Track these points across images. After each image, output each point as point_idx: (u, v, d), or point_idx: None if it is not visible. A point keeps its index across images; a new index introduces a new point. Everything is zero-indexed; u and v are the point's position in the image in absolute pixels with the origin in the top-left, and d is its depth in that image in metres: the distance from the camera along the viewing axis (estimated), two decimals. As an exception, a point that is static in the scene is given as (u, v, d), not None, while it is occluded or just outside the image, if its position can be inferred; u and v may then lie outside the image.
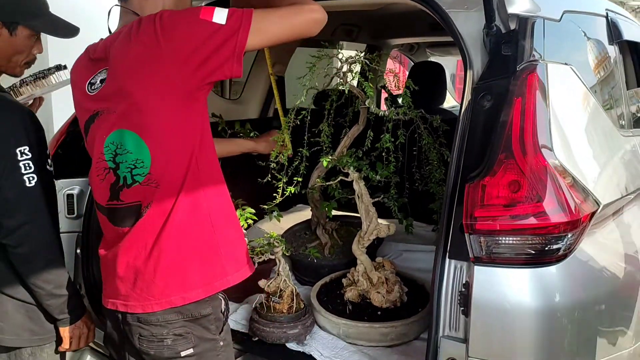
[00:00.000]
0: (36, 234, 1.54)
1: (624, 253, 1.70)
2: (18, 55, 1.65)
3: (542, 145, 1.36)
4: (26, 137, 1.52)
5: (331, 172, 2.16)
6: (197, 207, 1.40)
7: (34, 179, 1.52)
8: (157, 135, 1.34)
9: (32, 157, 1.52)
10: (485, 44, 1.59)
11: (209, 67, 1.31)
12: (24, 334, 1.64)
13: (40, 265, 1.56)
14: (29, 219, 1.52)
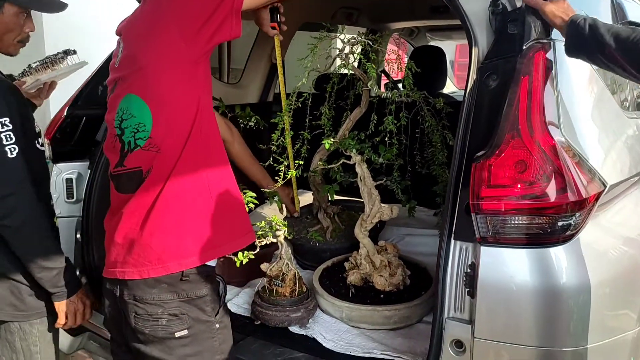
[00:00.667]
0: (23, 205, 1.55)
1: (628, 237, 1.69)
2: (9, 33, 1.66)
3: (550, 123, 1.33)
4: (7, 110, 1.54)
5: (333, 155, 2.14)
6: (196, 174, 1.42)
7: (16, 150, 1.53)
8: (160, 98, 1.38)
9: (13, 129, 1.53)
10: (490, 22, 1.56)
11: (210, 28, 1.37)
12: (7, 309, 1.66)
13: (29, 237, 1.57)
14: (14, 190, 1.53)
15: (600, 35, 1.31)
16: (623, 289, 1.53)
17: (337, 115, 2.15)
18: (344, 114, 2.21)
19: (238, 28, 1.40)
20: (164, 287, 1.39)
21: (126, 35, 1.48)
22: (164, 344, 1.41)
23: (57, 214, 2.10)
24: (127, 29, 1.49)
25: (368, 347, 1.73)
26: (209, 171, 1.44)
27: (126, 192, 1.44)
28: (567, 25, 1.41)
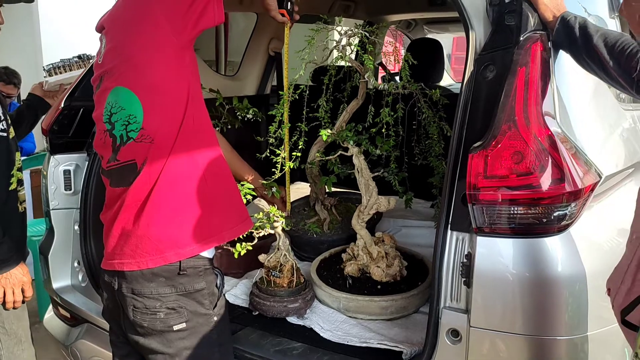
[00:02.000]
0: None
1: (622, 227, 1.70)
2: None
3: (546, 113, 1.34)
4: None
5: (330, 147, 2.14)
6: (190, 162, 1.42)
7: None
8: (149, 88, 1.37)
9: None
10: (488, 13, 1.56)
11: (194, 13, 1.36)
12: None
13: None
14: None
15: (589, 36, 1.34)
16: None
17: (334, 108, 2.16)
18: (341, 106, 2.21)
19: (220, 13, 1.40)
20: (162, 280, 1.40)
21: (110, 29, 1.46)
22: (162, 337, 1.42)
23: (55, 206, 2.13)
24: (110, 22, 1.46)
25: (365, 337, 1.75)
26: (203, 158, 1.44)
27: (121, 186, 1.43)
28: (557, 21, 1.43)
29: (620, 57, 1.27)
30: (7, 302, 1.76)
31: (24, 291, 1.78)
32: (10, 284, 1.74)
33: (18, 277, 1.76)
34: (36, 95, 2.25)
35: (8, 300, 1.76)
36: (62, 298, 2.14)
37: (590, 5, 2.04)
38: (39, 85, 2.24)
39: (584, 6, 1.98)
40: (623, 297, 1.16)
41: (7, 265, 1.73)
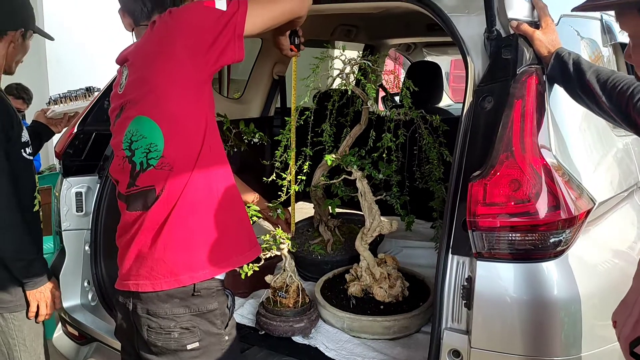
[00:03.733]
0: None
1: (617, 249, 1.77)
2: (19, 56, 1.87)
3: (542, 146, 1.42)
4: None
5: (334, 170, 2.21)
6: (206, 190, 1.48)
7: None
8: (170, 118, 1.44)
9: None
10: (485, 47, 1.65)
11: (216, 51, 1.43)
12: None
13: (4, 230, 1.72)
14: None
15: (583, 72, 1.42)
16: (612, 300, 1.61)
17: (336, 131, 2.23)
18: (344, 130, 2.29)
19: (241, 52, 1.47)
20: (176, 301, 1.45)
21: (133, 61, 1.52)
22: (176, 356, 1.46)
23: (67, 227, 2.19)
24: (134, 55, 1.52)
25: (369, 356, 1.80)
26: (218, 186, 1.51)
27: (137, 210, 1.49)
28: (552, 56, 1.52)
29: (612, 92, 1.35)
30: (40, 315, 1.87)
31: (55, 304, 1.89)
32: (45, 297, 1.85)
33: (51, 290, 1.87)
34: (40, 122, 2.32)
35: (41, 314, 1.87)
36: (72, 317, 2.19)
37: (583, 29, 2.13)
38: (42, 113, 2.32)
39: (579, 33, 2.08)
40: (631, 329, 1.18)
41: (42, 280, 1.83)
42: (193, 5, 1.49)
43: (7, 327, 1.86)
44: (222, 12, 1.44)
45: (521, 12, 1.65)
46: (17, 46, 1.86)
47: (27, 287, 1.83)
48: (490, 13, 1.57)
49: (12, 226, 1.75)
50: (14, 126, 1.82)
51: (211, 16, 1.43)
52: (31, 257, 1.81)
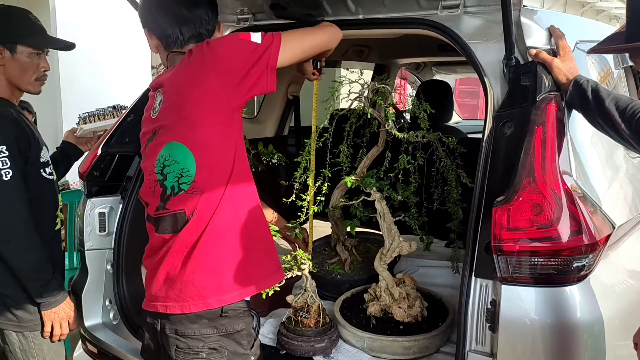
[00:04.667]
0: (14, 222, 1.75)
1: (635, 271, 1.80)
2: (25, 72, 1.88)
3: (563, 171, 1.45)
4: (3, 139, 1.74)
5: (351, 190, 2.25)
6: (235, 214, 1.52)
7: (10, 174, 1.73)
8: (203, 145, 1.48)
9: (9, 156, 1.74)
10: (504, 74, 1.70)
11: (248, 81, 1.48)
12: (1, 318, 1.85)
13: (19, 250, 1.77)
14: (6, 208, 1.73)
15: (601, 99, 1.47)
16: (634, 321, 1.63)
17: (353, 152, 2.28)
18: (360, 151, 2.33)
19: (273, 83, 1.53)
20: (204, 322, 1.49)
21: (168, 88, 1.56)
22: None
23: (89, 247, 2.23)
24: (169, 82, 1.56)
25: (389, 376, 1.82)
26: (246, 211, 1.55)
27: (167, 233, 1.53)
28: (570, 84, 1.56)
29: (631, 120, 1.39)
30: (55, 335, 1.89)
31: (69, 324, 1.91)
32: (59, 317, 1.87)
33: (66, 311, 1.89)
34: (69, 142, 2.36)
35: (55, 334, 1.89)
36: (93, 335, 2.22)
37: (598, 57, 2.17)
38: (71, 132, 2.36)
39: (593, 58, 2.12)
40: None
41: (57, 300, 1.86)
42: (230, 36, 1.56)
43: (28, 346, 1.90)
44: (257, 44, 1.49)
45: (539, 40, 1.70)
46: (6, 62, 1.84)
47: (42, 307, 1.86)
48: (509, 41, 1.62)
49: (30, 248, 1.79)
50: (32, 147, 1.86)
51: (246, 48, 1.49)
52: (47, 278, 1.84)
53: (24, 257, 1.78)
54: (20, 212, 1.77)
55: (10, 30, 1.84)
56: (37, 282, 1.82)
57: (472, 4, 1.82)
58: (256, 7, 2.27)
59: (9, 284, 1.83)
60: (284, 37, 1.55)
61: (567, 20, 2.13)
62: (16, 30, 1.85)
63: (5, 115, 1.81)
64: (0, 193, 1.74)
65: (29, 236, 1.79)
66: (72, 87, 5.13)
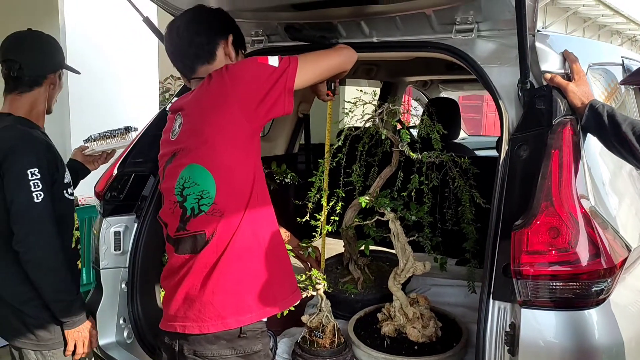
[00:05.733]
0: (41, 243, 1.78)
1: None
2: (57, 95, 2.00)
3: (581, 195, 1.47)
4: (36, 162, 1.78)
5: (364, 209, 2.27)
6: (254, 235, 1.54)
7: (41, 196, 1.77)
8: (223, 167, 1.51)
9: (40, 178, 1.77)
10: (519, 97, 1.72)
11: (266, 104, 1.52)
12: (22, 338, 1.88)
13: (46, 271, 1.80)
14: (35, 229, 1.77)
15: (618, 124, 1.49)
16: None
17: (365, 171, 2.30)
18: (372, 170, 2.36)
19: (290, 105, 1.56)
20: (223, 343, 1.50)
21: (189, 111, 1.59)
22: None
23: (105, 265, 2.24)
24: (190, 105, 1.60)
25: (405, 397, 1.83)
26: (265, 233, 1.57)
27: (187, 253, 1.55)
28: (586, 108, 1.59)
29: None
30: (77, 354, 1.92)
31: (91, 343, 1.95)
32: (82, 336, 1.91)
33: (88, 329, 1.92)
34: (77, 161, 2.39)
35: (78, 352, 1.92)
36: (107, 354, 2.22)
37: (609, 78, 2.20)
38: (79, 151, 2.39)
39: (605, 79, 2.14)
40: None
41: (80, 319, 1.89)
42: (248, 61, 1.59)
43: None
44: (274, 68, 1.52)
45: (553, 64, 1.73)
46: (56, 87, 1.98)
47: (65, 327, 1.89)
48: (524, 65, 1.64)
49: (55, 269, 1.82)
50: (58, 169, 1.90)
51: (264, 72, 1.52)
52: (71, 299, 1.87)
53: (50, 279, 1.81)
54: (49, 234, 1.79)
55: (62, 57, 1.97)
56: (62, 303, 1.84)
57: (486, 28, 1.85)
58: (271, 29, 2.30)
59: (29, 302, 1.85)
60: (301, 60, 1.58)
61: (580, 43, 2.16)
62: (62, 54, 1.99)
63: (38, 139, 1.85)
64: (32, 215, 1.76)
65: (56, 257, 1.81)
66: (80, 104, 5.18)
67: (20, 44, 1.93)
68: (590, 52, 2.05)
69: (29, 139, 1.82)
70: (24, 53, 1.91)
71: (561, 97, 1.66)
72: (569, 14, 12.82)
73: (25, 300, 1.86)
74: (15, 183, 1.76)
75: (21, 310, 1.86)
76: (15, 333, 1.89)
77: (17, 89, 1.91)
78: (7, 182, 1.78)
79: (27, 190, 1.76)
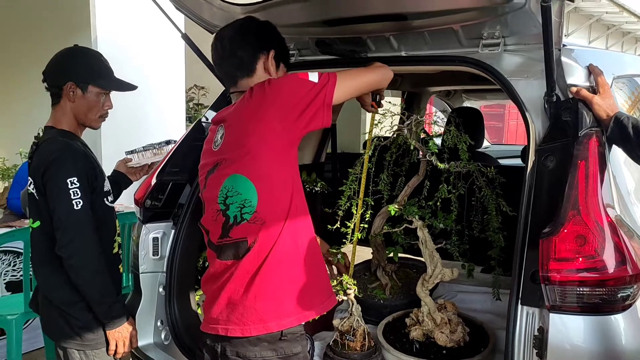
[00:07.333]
0: (83, 248, 1.88)
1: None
2: (92, 110, 2.03)
3: (607, 205, 1.52)
4: (75, 171, 1.89)
5: (392, 217, 2.34)
6: (294, 241, 1.62)
7: (81, 203, 1.88)
8: (264, 177, 1.59)
9: (80, 187, 1.88)
10: (545, 109, 1.77)
11: (306, 117, 1.59)
12: (66, 338, 1.99)
13: (88, 275, 1.90)
14: (76, 235, 1.88)
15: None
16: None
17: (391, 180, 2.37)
18: (399, 179, 2.43)
19: (328, 119, 1.63)
20: (265, 345, 1.58)
21: (231, 123, 1.67)
22: None
23: (144, 270, 2.35)
24: (232, 117, 1.68)
25: (434, 400, 1.88)
26: (303, 239, 1.65)
27: (229, 259, 1.63)
28: (611, 120, 1.64)
29: None
30: (118, 353, 2.03)
31: (132, 343, 2.04)
32: (122, 337, 2.00)
33: (128, 330, 2.02)
34: (120, 172, 2.50)
35: (119, 352, 2.02)
36: (145, 354, 2.32)
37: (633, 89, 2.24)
38: (123, 163, 2.50)
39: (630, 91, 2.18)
40: None
41: (120, 321, 1.99)
42: (289, 76, 1.68)
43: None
44: (314, 83, 1.61)
45: (579, 78, 1.79)
46: (77, 100, 1.98)
47: (107, 327, 1.99)
48: (550, 80, 1.70)
49: (97, 272, 1.93)
50: (97, 178, 2.01)
51: (304, 87, 1.60)
52: (112, 300, 1.98)
53: (92, 282, 1.92)
54: (89, 239, 1.90)
55: (85, 70, 2.00)
56: (104, 305, 1.95)
57: (512, 43, 1.92)
58: (302, 43, 2.39)
59: (74, 305, 1.97)
60: (339, 77, 1.66)
61: (604, 56, 2.21)
62: (90, 71, 2.01)
63: (76, 149, 1.96)
64: (72, 221, 1.87)
65: (96, 262, 1.92)
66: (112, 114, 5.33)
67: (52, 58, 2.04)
68: (614, 64, 2.10)
69: (69, 150, 1.93)
70: (47, 66, 2.02)
71: (587, 109, 1.72)
72: (592, 21, 12.74)
73: (70, 303, 1.97)
74: (56, 192, 1.88)
75: (67, 312, 1.97)
76: (62, 334, 2.00)
77: (52, 101, 2.03)
78: (49, 191, 1.90)
79: (67, 198, 1.87)
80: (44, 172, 1.90)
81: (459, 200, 2.21)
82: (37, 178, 1.93)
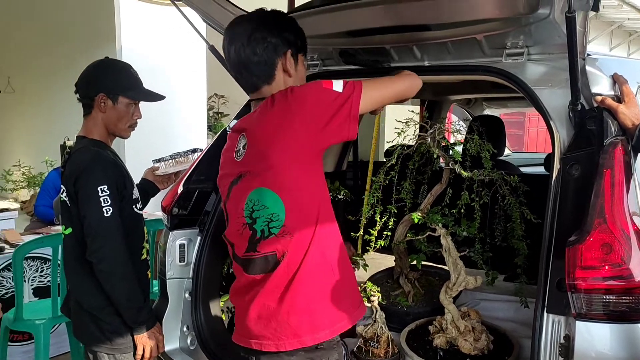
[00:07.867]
0: (113, 254, 1.94)
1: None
2: (122, 120, 2.09)
3: (633, 213, 1.53)
4: (105, 179, 1.95)
5: (414, 225, 2.35)
6: (323, 254, 1.59)
7: (111, 210, 1.94)
8: (291, 191, 1.55)
9: (109, 194, 1.95)
10: (570, 118, 1.78)
11: (331, 129, 1.54)
12: (96, 342, 2.05)
13: (116, 280, 1.96)
14: (106, 242, 1.94)
15: None
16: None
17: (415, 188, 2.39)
18: (421, 187, 2.45)
19: (354, 131, 1.57)
20: (301, 354, 1.55)
21: (253, 133, 1.60)
22: None
23: (170, 276, 2.39)
24: (254, 126, 1.61)
25: (459, 407, 1.89)
26: (332, 251, 1.62)
27: (257, 274, 1.60)
28: (637, 128, 1.65)
29: None
30: (145, 357, 2.08)
31: (158, 348, 2.10)
32: (149, 341, 2.06)
33: (155, 335, 2.07)
34: (148, 180, 2.56)
35: (146, 356, 2.07)
36: (171, 359, 2.37)
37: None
38: (150, 171, 2.56)
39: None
40: None
41: (147, 325, 2.05)
42: (313, 85, 1.59)
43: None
44: (338, 93, 1.54)
45: (603, 87, 1.79)
46: (107, 110, 2.04)
47: (134, 332, 2.05)
48: (575, 89, 1.71)
49: (125, 278, 1.98)
50: (126, 186, 2.07)
51: (328, 97, 1.54)
52: (139, 305, 2.03)
53: (120, 287, 1.97)
54: (119, 246, 1.96)
55: (115, 82, 2.06)
56: (132, 310, 2.00)
57: (536, 52, 1.93)
58: (325, 54, 2.43)
59: (104, 309, 2.02)
60: (365, 86, 1.58)
61: (628, 64, 2.21)
62: (119, 82, 2.07)
63: (106, 158, 2.02)
64: (102, 228, 1.93)
65: (125, 268, 1.98)
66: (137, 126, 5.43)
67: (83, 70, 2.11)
68: (639, 73, 2.10)
69: (99, 159, 1.99)
70: (79, 78, 2.09)
71: (612, 118, 1.72)
72: (613, 27, 12.61)
73: (101, 307, 2.02)
74: (87, 199, 1.94)
75: (98, 317, 2.03)
76: (93, 338, 2.05)
77: (83, 112, 2.10)
78: (81, 198, 1.96)
79: (98, 205, 1.93)
80: (75, 180, 1.97)
81: (482, 208, 2.22)
82: (69, 186, 2.00)
